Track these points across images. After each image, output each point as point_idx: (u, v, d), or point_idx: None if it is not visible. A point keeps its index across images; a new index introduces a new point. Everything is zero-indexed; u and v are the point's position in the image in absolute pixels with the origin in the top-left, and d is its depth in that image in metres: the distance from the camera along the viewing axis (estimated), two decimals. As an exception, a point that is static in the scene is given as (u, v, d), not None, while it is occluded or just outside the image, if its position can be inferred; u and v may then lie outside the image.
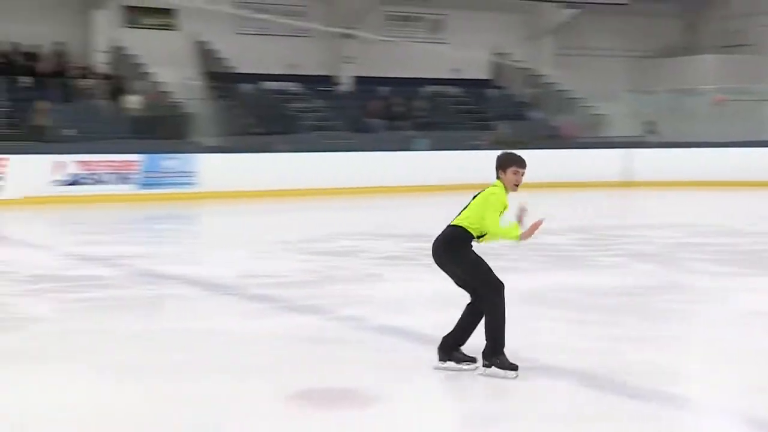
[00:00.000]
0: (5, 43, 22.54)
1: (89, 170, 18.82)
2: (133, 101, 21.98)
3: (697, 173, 21.16)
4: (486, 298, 5.14)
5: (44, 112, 20.25)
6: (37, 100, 20.58)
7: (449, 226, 5.24)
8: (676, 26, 29.22)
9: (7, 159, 18.03)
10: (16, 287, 8.37)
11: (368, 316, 6.99)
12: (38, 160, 18.49)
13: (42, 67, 22.43)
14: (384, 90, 24.34)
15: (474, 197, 5.27)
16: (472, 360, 5.23)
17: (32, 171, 18.19)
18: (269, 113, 22.98)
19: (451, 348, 5.27)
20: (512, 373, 5.11)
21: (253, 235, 13.07)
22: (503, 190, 5.23)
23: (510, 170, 5.24)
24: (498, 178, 5.26)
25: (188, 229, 15.33)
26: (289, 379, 5.27)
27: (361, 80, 24.87)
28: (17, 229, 14.56)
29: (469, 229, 5.18)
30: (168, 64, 23.54)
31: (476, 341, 5.23)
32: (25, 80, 21.70)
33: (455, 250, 5.19)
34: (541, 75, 26.84)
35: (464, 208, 5.25)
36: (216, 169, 19.60)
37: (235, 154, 20.37)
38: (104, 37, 23.58)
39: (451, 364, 5.27)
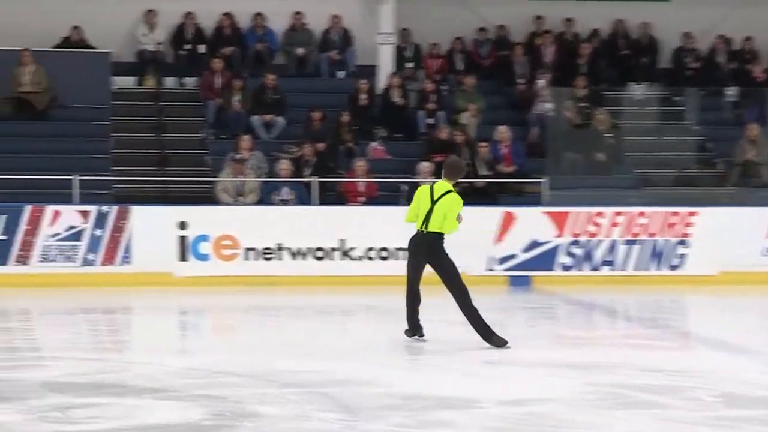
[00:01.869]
0: (692, 37, 24.02)
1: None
2: None
3: None
4: (459, 300, 11.96)
5: (758, 141, 21.09)
6: (749, 123, 21.55)
7: (431, 232, 11.98)
8: None
9: (697, 213, 19.17)
10: (706, 410, 8.85)
11: None
12: (745, 215, 19.34)
13: (756, 70, 23.52)
14: None
15: (436, 201, 12.00)
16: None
17: (733, 229, 19.10)
18: None
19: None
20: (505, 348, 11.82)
21: None
22: None
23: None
24: (450, 181, 12.17)
25: None
26: None
27: None
28: (717, 324, 15.33)
29: (442, 232, 12.02)
30: None
31: None
32: (730, 91, 22.93)
33: (441, 252, 12.03)
34: None
35: (431, 213, 11.98)
36: None
37: None
38: None
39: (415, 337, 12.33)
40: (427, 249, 12.07)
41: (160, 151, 21.71)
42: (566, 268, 19.13)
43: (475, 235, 18.63)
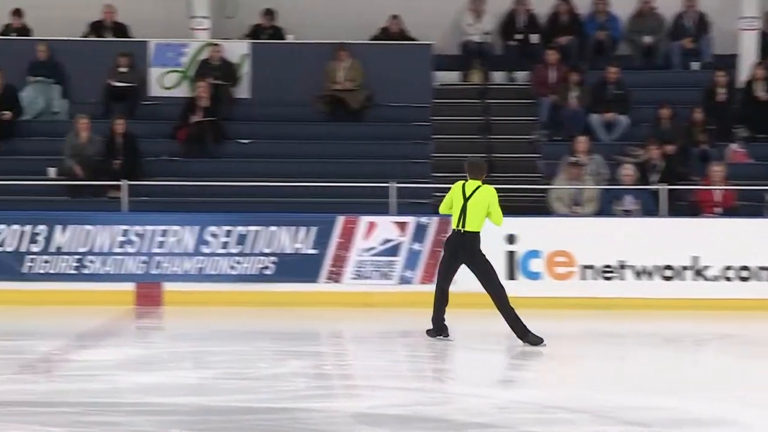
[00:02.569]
0: None
1: None
2: None
3: None
4: (496, 299, 14.06)
5: None
6: None
7: (469, 232, 13.99)
8: None
9: None
10: None
11: None
12: None
13: None
14: None
15: (468, 198, 13.97)
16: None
17: None
18: None
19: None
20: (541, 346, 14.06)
21: None
22: None
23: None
24: (480, 179, 14.15)
25: None
26: None
27: None
28: None
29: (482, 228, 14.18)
30: None
31: None
32: None
33: (479, 252, 14.12)
34: None
35: (465, 211, 13.97)
36: None
37: None
38: None
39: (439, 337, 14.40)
40: (464, 249, 14.14)
41: (487, 154, 21.93)
42: None
43: None
